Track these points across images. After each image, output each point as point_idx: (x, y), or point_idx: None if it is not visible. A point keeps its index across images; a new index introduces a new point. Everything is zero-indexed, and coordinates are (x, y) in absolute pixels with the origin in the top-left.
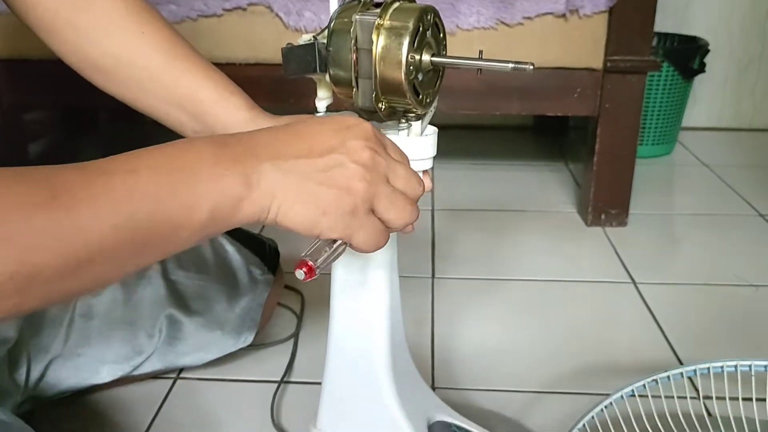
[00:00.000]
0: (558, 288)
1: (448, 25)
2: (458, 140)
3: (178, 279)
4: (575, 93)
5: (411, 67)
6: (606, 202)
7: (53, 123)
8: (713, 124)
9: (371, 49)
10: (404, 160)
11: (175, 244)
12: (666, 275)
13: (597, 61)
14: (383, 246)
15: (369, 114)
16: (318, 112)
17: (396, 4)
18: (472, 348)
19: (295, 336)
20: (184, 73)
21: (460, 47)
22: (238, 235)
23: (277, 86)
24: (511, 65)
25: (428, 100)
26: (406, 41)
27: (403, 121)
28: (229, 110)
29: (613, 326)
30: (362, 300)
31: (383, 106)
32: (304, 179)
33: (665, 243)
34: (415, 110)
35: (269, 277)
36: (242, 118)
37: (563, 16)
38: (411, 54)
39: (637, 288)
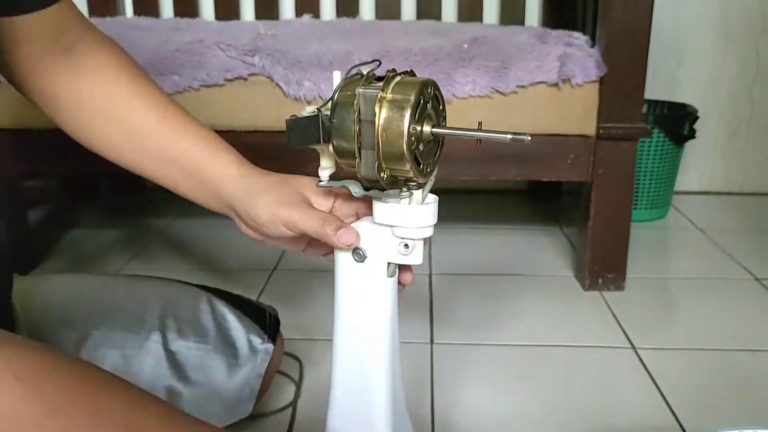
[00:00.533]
0: (558, 353)
1: (444, 93)
2: (454, 205)
3: (178, 349)
4: (569, 159)
5: (412, 138)
6: (603, 267)
7: (55, 191)
8: (705, 188)
9: (374, 121)
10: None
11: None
12: (665, 340)
13: (590, 128)
14: None
15: (371, 183)
16: (321, 181)
17: (398, 78)
18: (472, 415)
19: (293, 405)
20: (177, 132)
21: (457, 115)
22: (239, 302)
23: (277, 154)
24: (509, 136)
25: (429, 170)
26: (407, 113)
27: (405, 189)
28: (221, 166)
29: (613, 392)
30: (364, 355)
31: (385, 176)
32: None
33: (663, 307)
34: (416, 179)
35: (269, 346)
36: (233, 173)
37: (556, 85)
38: (412, 125)
39: (636, 353)
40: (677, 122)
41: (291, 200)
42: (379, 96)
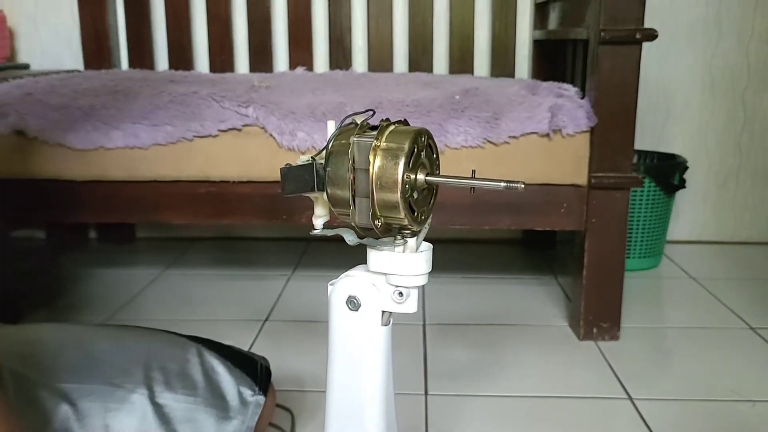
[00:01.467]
0: (553, 404)
1: (437, 144)
2: (448, 254)
3: (165, 402)
4: (562, 208)
5: (407, 186)
6: (597, 316)
7: (43, 240)
8: (697, 237)
9: (368, 169)
10: None
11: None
12: (662, 390)
13: (581, 178)
14: None
15: (365, 231)
16: (315, 230)
17: (391, 127)
18: None
19: None
20: None
21: (449, 165)
22: (229, 353)
23: (269, 204)
24: (503, 184)
25: (423, 217)
26: (401, 162)
27: (399, 237)
28: None
29: None
30: (358, 403)
31: (379, 224)
32: None
33: (659, 357)
34: (410, 227)
35: (260, 398)
36: None
37: (547, 135)
38: (406, 173)
39: (633, 403)
40: (667, 172)
41: None
42: (374, 144)
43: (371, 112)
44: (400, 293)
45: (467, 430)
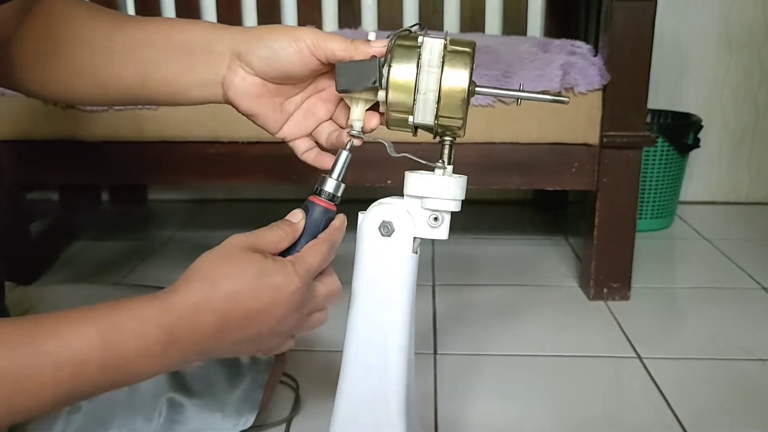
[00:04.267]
0: (563, 363)
1: None
2: (458, 215)
3: None
4: (573, 168)
5: (470, 89)
6: (607, 276)
7: (56, 202)
8: (710, 198)
9: (439, 68)
10: (326, 265)
11: None
12: (671, 350)
13: (593, 137)
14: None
15: (417, 130)
16: (353, 131)
17: (449, 37)
18: (476, 426)
19: (288, 422)
20: (146, 21)
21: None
22: None
23: (280, 164)
24: (549, 97)
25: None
26: (470, 64)
27: (440, 160)
28: (208, 25)
29: (619, 402)
30: (382, 331)
31: (437, 123)
32: (235, 353)
33: (669, 317)
34: (459, 133)
35: (271, 358)
36: (223, 27)
37: (559, 93)
38: (471, 77)
39: (642, 362)
40: (681, 131)
41: (312, 28)
42: (444, 44)
43: (419, 26)
44: (435, 218)
45: (476, 389)
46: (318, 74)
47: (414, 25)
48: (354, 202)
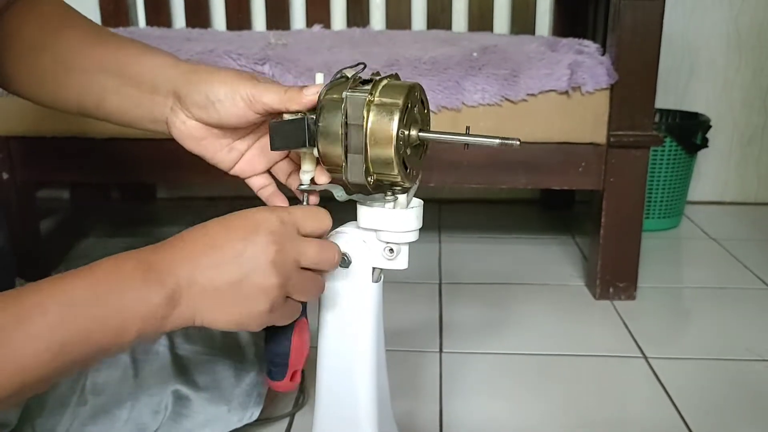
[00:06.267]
0: (568, 363)
1: (453, 102)
2: (465, 214)
3: (185, 353)
4: (580, 167)
5: (401, 142)
6: (614, 276)
7: (66, 200)
8: (719, 198)
9: (362, 125)
10: (317, 231)
11: (105, 359)
12: (677, 350)
13: (600, 137)
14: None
15: (357, 187)
16: (302, 185)
17: (384, 82)
18: (481, 425)
19: (292, 416)
20: (107, 42)
21: (467, 123)
22: None
23: None
24: (497, 141)
25: (414, 174)
26: (396, 117)
27: (389, 194)
28: (159, 56)
29: (625, 402)
30: (349, 361)
31: (372, 180)
32: (222, 296)
33: (675, 317)
34: (402, 184)
35: None
36: (174, 61)
37: (566, 92)
38: (401, 129)
39: (648, 363)
40: (690, 131)
41: (248, 76)
42: (367, 99)
43: (362, 66)
44: (391, 250)
45: (481, 388)
46: (260, 123)
47: (357, 65)
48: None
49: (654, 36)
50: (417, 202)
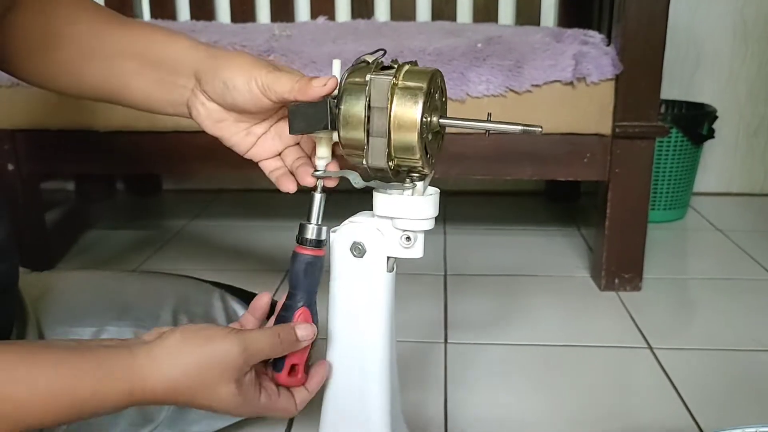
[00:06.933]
0: (573, 353)
1: (458, 93)
2: (471, 206)
3: None
4: (585, 158)
5: (424, 127)
6: (619, 267)
7: (71, 192)
8: (725, 189)
9: (387, 108)
10: (275, 350)
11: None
12: (683, 340)
13: (605, 127)
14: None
15: (376, 172)
16: (317, 171)
17: (407, 67)
18: (486, 415)
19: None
20: (126, 27)
21: (470, 114)
22: (251, 299)
23: None
24: (519, 128)
25: (432, 161)
26: (421, 101)
27: (408, 181)
28: (181, 40)
29: (630, 393)
30: (361, 352)
31: (392, 165)
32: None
33: (681, 308)
34: (421, 170)
35: None
36: (194, 44)
37: (571, 83)
38: (425, 114)
39: (653, 353)
40: (695, 122)
41: (265, 63)
42: (392, 83)
43: (382, 52)
44: (408, 237)
45: (486, 379)
46: (277, 108)
47: (377, 51)
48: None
49: (659, 26)
50: (433, 190)
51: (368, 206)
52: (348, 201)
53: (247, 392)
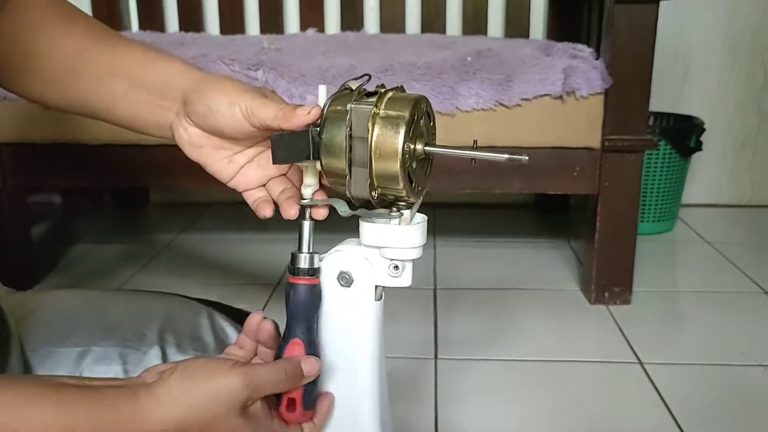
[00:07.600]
0: (564, 369)
1: (447, 107)
2: (460, 218)
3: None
4: (574, 172)
5: (407, 156)
6: (609, 280)
7: (57, 205)
8: (713, 200)
9: (367, 138)
10: (281, 386)
11: None
12: (673, 355)
13: (595, 141)
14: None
15: (361, 202)
16: (304, 199)
17: (390, 94)
18: (476, 430)
19: None
20: (116, 45)
21: (460, 129)
22: (239, 316)
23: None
24: (506, 156)
25: (420, 188)
26: (402, 131)
27: (394, 209)
28: (169, 61)
29: (620, 407)
30: (351, 382)
31: (377, 195)
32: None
33: (670, 321)
34: (407, 199)
35: None
36: (183, 66)
37: (560, 97)
38: (407, 143)
39: (643, 368)
40: (684, 134)
41: (253, 90)
42: (373, 112)
43: (367, 77)
44: (396, 266)
45: (476, 394)
46: (261, 137)
47: (362, 76)
48: None
49: (648, 40)
50: (421, 218)
51: (356, 229)
52: (341, 222)
53: (257, 420)
